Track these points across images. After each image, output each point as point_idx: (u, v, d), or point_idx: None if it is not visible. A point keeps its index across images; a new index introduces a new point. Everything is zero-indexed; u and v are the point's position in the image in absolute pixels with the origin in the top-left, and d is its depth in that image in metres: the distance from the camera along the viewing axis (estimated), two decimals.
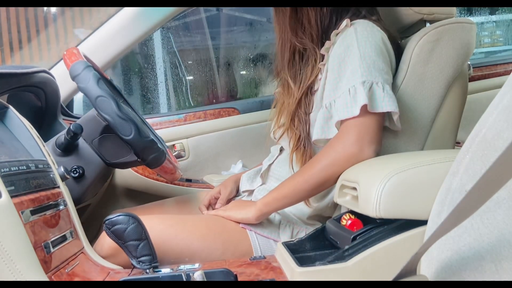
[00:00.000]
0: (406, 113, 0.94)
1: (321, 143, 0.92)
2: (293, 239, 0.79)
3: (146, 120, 1.29)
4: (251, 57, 2.83)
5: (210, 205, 1.15)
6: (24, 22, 2.77)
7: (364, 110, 0.83)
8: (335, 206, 0.98)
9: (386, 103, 0.83)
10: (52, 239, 0.68)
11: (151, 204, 1.25)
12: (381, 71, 0.86)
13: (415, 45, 0.94)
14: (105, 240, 0.86)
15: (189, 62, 2.87)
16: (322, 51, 0.98)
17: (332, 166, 0.84)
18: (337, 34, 0.95)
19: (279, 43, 1.04)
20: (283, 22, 1.01)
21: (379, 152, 0.85)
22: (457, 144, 1.04)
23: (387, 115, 0.88)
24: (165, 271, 0.71)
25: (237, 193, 1.20)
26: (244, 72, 2.86)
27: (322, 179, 0.85)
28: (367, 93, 0.83)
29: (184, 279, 0.64)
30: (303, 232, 0.97)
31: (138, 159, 0.97)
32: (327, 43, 0.97)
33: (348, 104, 0.84)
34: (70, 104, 1.51)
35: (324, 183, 0.86)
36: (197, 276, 0.62)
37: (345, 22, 0.94)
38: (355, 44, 0.89)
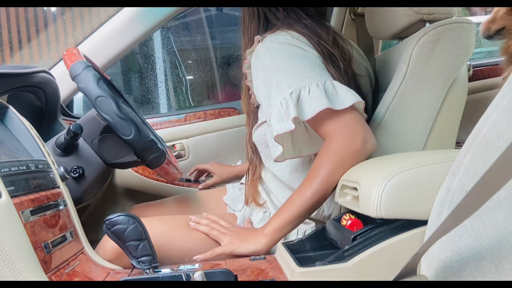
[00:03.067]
0: (406, 113, 0.94)
1: (286, 157, 0.89)
2: (293, 240, 0.79)
3: (146, 120, 1.29)
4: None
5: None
6: (24, 22, 2.77)
7: (329, 111, 0.79)
8: (322, 208, 0.99)
9: (313, 107, 0.79)
10: (52, 239, 0.68)
11: (151, 202, 1.25)
12: (304, 72, 0.83)
13: (414, 45, 0.94)
14: (107, 244, 0.86)
15: (189, 62, 2.86)
16: (244, 69, 0.99)
17: (337, 170, 0.79)
18: (251, 53, 0.94)
19: None
20: None
21: (375, 142, 0.81)
22: (457, 144, 1.04)
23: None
24: (165, 271, 0.71)
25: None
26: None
27: (333, 183, 0.81)
28: (296, 104, 0.80)
29: (184, 279, 0.64)
30: (295, 230, 0.97)
31: (138, 159, 0.97)
32: (245, 62, 0.98)
33: (283, 118, 0.81)
34: (70, 104, 1.51)
35: (332, 188, 0.82)
36: (197, 276, 0.62)
37: (256, 39, 0.94)
38: (269, 58, 0.87)
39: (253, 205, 1.05)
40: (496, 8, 1.20)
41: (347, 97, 0.80)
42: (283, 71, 0.84)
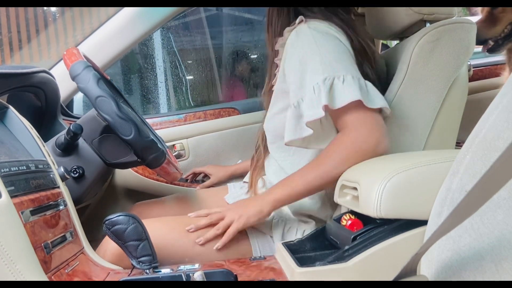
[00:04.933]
0: (406, 113, 0.94)
1: (294, 144, 0.90)
2: (293, 240, 0.79)
3: (146, 120, 1.29)
4: (252, 56, 2.83)
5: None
6: (24, 22, 2.77)
7: (357, 104, 0.81)
8: (326, 207, 0.98)
9: (346, 96, 0.80)
10: (52, 239, 0.68)
11: (151, 200, 1.25)
12: (342, 63, 0.85)
13: (415, 45, 0.94)
14: (107, 246, 0.86)
15: (189, 62, 2.87)
16: (276, 47, 0.99)
17: (346, 162, 0.81)
18: (290, 31, 0.94)
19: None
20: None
21: (387, 147, 0.82)
22: (457, 144, 1.04)
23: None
24: (165, 271, 0.71)
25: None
26: (244, 72, 2.86)
27: (336, 175, 0.82)
28: (329, 91, 0.81)
29: (184, 279, 0.64)
30: (294, 229, 0.97)
31: (138, 159, 0.97)
32: (280, 39, 0.98)
33: (314, 104, 0.82)
34: (70, 104, 1.51)
35: (332, 179, 0.83)
36: (197, 276, 0.62)
37: (299, 19, 0.94)
38: (312, 40, 0.88)
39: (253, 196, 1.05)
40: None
41: (376, 98, 0.83)
42: (321, 56, 0.85)
